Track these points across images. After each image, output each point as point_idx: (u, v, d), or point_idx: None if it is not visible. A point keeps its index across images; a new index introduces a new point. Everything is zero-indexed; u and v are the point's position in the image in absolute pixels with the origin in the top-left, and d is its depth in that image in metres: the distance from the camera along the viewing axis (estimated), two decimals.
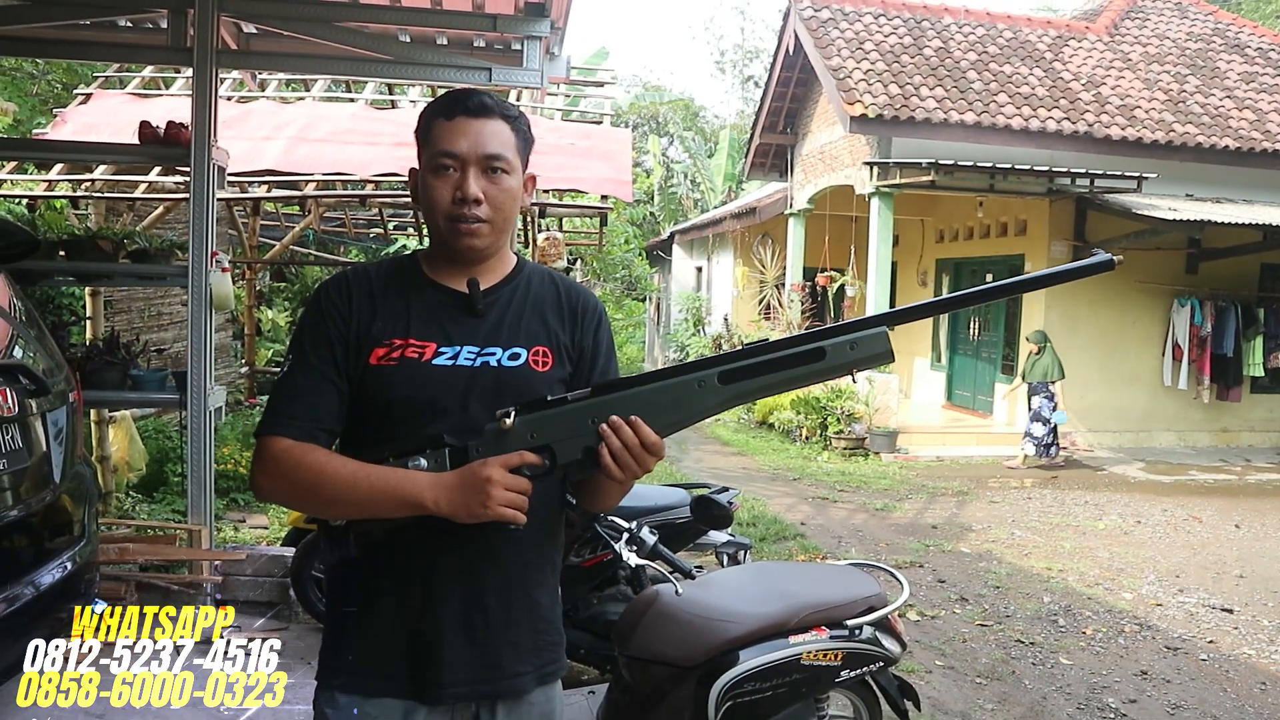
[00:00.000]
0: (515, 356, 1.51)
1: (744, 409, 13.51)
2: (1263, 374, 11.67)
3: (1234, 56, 13.26)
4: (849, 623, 2.71)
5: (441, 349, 1.49)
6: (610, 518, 3.16)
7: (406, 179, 1.57)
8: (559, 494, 1.56)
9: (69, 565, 2.79)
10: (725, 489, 3.68)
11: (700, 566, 3.82)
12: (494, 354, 1.50)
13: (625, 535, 3.07)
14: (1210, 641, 5.05)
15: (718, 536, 3.91)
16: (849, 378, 1.41)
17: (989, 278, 12.95)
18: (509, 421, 1.36)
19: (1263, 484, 9.90)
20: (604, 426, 1.36)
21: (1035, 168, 10.40)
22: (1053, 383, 10.08)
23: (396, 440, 1.43)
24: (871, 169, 11.09)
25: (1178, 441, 11.99)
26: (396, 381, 1.48)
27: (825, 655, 2.66)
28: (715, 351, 16.08)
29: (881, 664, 2.79)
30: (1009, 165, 10.36)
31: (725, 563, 3.92)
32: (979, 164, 10.31)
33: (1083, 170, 10.50)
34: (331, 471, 1.42)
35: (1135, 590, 5.92)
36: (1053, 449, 10.20)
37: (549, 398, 1.41)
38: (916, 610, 5.29)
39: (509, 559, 1.50)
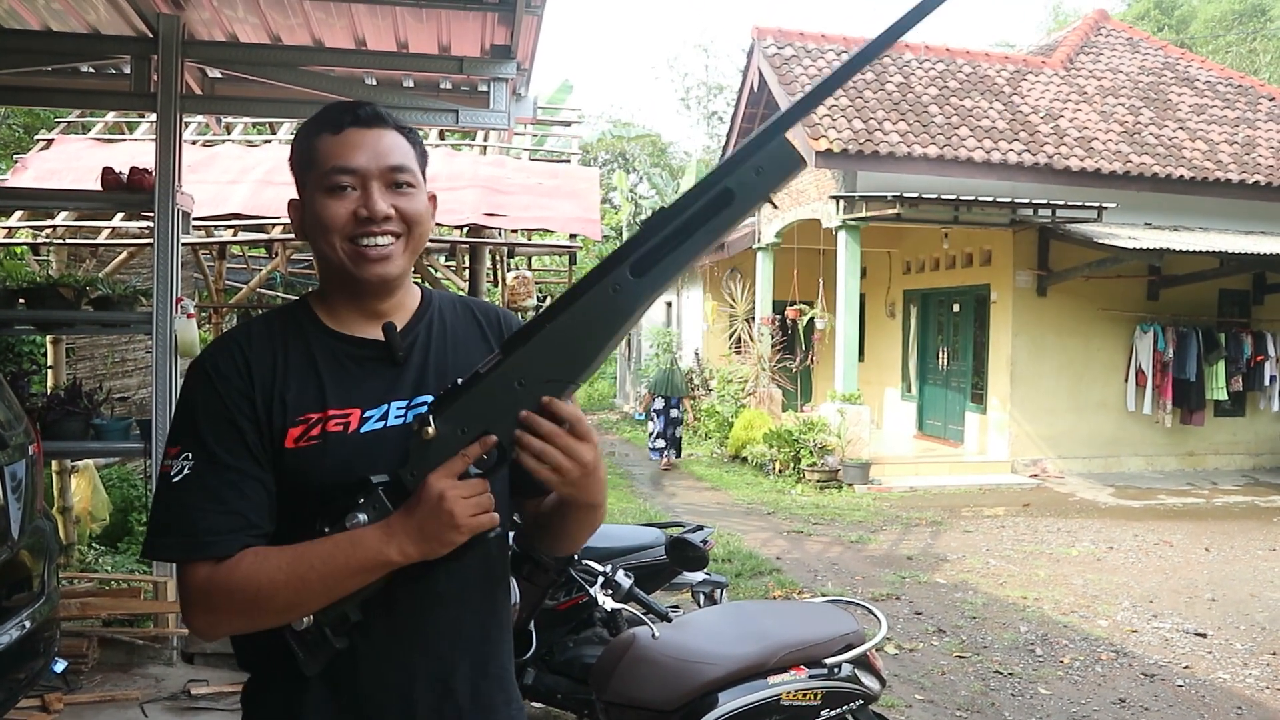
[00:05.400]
0: None
1: (716, 444, 13.53)
2: (1225, 397, 11.87)
3: (1184, 89, 13.63)
4: (828, 661, 2.70)
5: (368, 413, 1.27)
6: (585, 560, 3.13)
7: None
8: (501, 536, 1.33)
9: (27, 624, 2.71)
10: (700, 527, 3.66)
11: (676, 606, 3.79)
12: (428, 404, 1.30)
13: (600, 579, 3.03)
14: (1186, 667, 5.08)
15: (693, 576, 3.88)
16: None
17: (956, 308, 13.16)
18: (430, 430, 1.16)
19: (1230, 506, 10.03)
20: (519, 433, 1.15)
21: (998, 199, 10.59)
22: (669, 397, 12.22)
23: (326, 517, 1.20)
24: (838, 203, 11.23)
25: (1145, 466, 12.13)
26: (324, 464, 1.24)
27: (805, 695, 2.64)
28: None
29: (861, 701, 2.78)
30: (972, 197, 10.54)
31: (702, 602, 3.89)
32: (943, 196, 10.47)
33: (1044, 201, 10.71)
34: (267, 579, 1.18)
35: (1110, 617, 5.94)
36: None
37: (458, 380, 1.19)
38: (895, 643, 5.28)
39: (471, 634, 1.34)
